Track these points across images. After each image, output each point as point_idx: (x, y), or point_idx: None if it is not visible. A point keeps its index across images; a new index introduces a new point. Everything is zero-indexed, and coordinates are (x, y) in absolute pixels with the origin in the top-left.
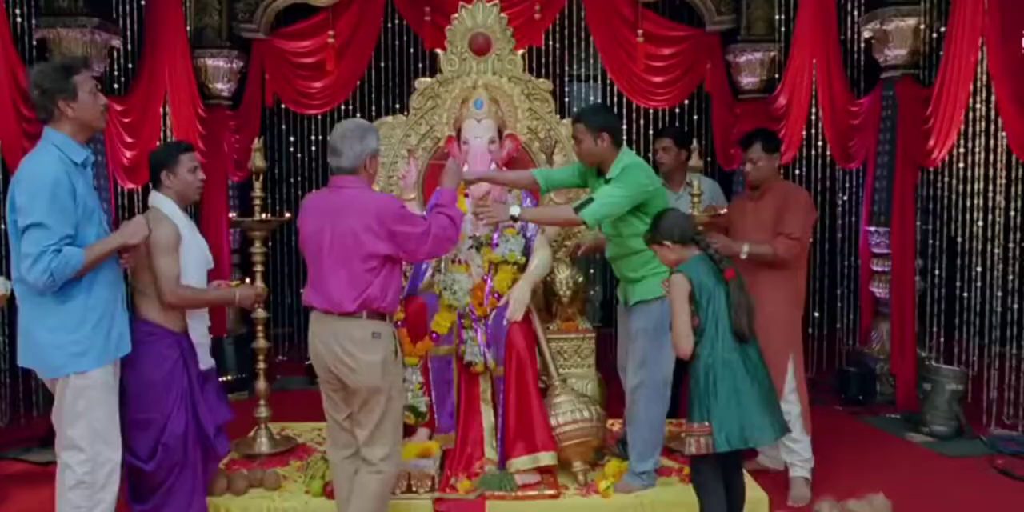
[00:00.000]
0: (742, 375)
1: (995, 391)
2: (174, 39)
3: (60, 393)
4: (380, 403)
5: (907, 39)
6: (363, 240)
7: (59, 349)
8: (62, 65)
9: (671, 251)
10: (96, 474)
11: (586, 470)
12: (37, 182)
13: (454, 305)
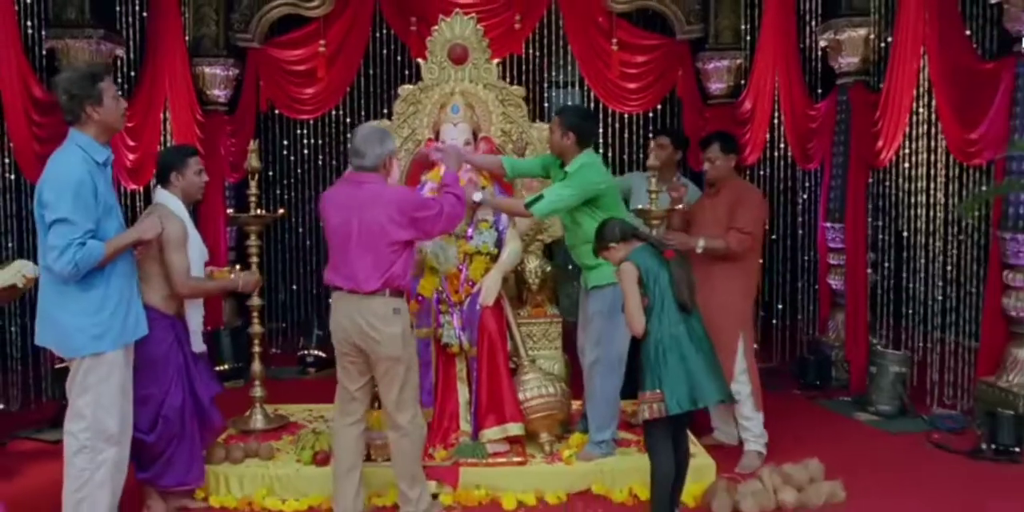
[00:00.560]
0: (688, 346)
1: (937, 374)
2: (174, 48)
3: (75, 369)
4: (400, 372)
5: (858, 48)
6: (388, 230)
7: (80, 332)
8: (89, 73)
9: (617, 250)
10: (96, 440)
11: (551, 441)
12: (63, 181)
13: (438, 269)
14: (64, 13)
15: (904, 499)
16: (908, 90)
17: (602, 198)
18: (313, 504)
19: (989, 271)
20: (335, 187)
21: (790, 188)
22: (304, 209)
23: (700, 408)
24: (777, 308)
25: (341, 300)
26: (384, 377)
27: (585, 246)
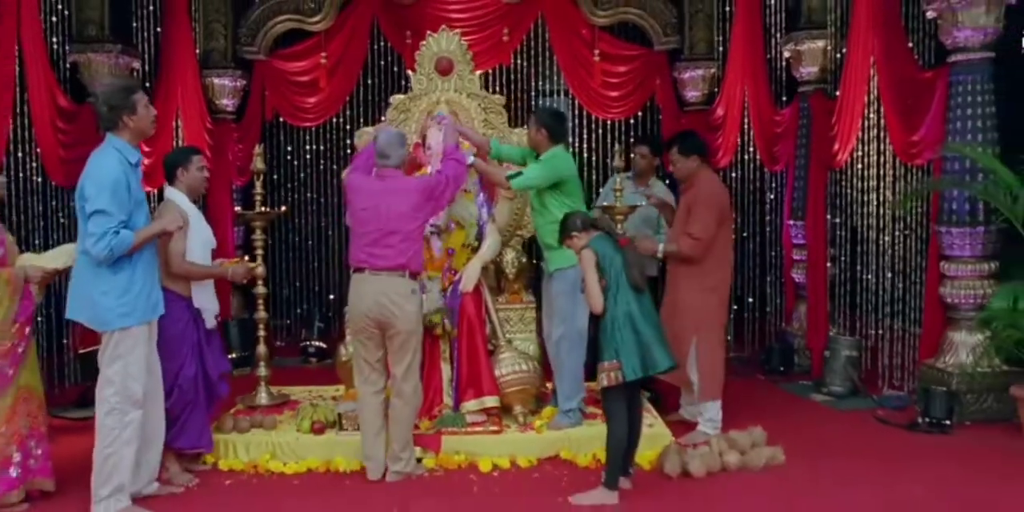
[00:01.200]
0: (640, 321)
1: (887, 359)
2: (185, 61)
3: (106, 341)
4: (412, 344)
5: (817, 58)
6: (414, 216)
7: (110, 310)
8: (124, 86)
9: (579, 239)
10: (124, 404)
11: (525, 413)
12: (102, 178)
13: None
14: (86, 29)
15: (839, 462)
16: (860, 97)
17: (567, 184)
18: (311, 467)
19: (929, 262)
20: (363, 179)
21: (759, 189)
22: (307, 210)
23: (651, 375)
24: (748, 302)
25: (364, 281)
26: (399, 350)
27: (549, 226)
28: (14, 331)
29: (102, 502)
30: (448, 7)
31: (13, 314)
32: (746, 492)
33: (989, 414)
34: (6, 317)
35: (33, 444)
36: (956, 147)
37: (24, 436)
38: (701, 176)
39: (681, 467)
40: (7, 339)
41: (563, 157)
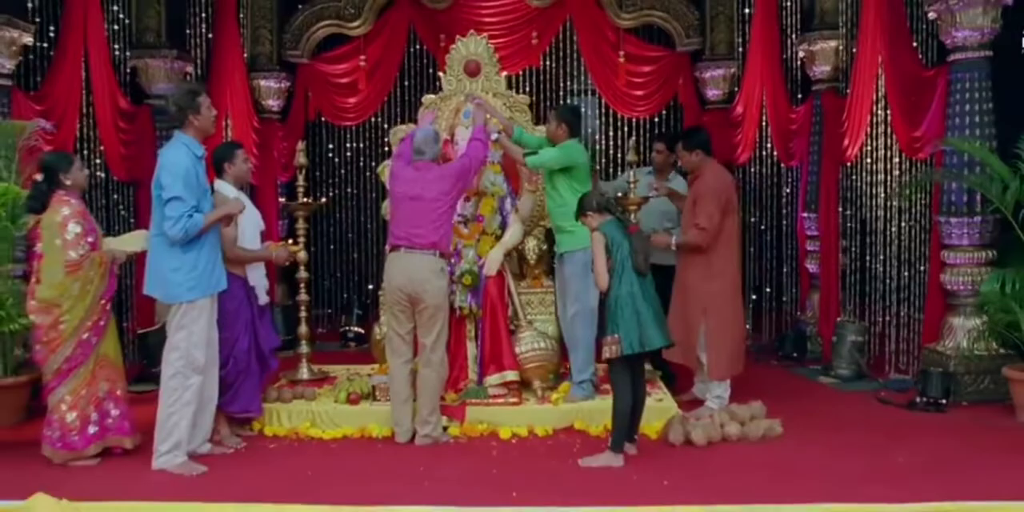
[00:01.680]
0: (640, 302)
1: (893, 344)
2: (234, 65)
3: (174, 312)
4: (439, 318)
5: (830, 58)
6: (444, 199)
7: (179, 285)
8: (190, 89)
9: (592, 219)
10: (187, 369)
11: (543, 388)
12: (176, 168)
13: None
14: (144, 37)
15: (832, 435)
16: (868, 95)
17: (577, 171)
18: (347, 433)
19: (931, 251)
20: (402, 168)
21: (776, 183)
22: (346, 205)
23: (647, 351)
24: (766, 291)
25: (400, 258)
26: (427, 322)
27: (560, 209)
28: (100, 307)
29: (163, 456)
30: (480, 12)
31: (101, 292)
32: (742, 459)
33: (986, 395)
34: (96, 295)
35: (111, 406)
36: (953, 141)
37: (101, 398)
38: (706, 169)
39: (684, 436)
40: (95, 314)
41: (577, 147)
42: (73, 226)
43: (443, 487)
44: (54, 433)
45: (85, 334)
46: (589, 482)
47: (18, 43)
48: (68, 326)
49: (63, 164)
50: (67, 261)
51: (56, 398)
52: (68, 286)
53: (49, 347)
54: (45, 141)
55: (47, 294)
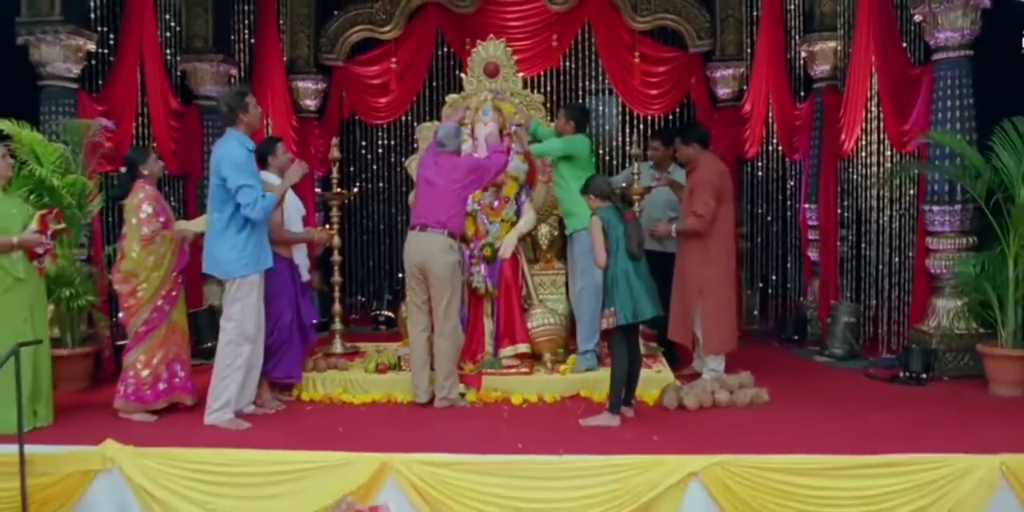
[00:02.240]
0: (633, 278)
1: (885, 326)
2: (274, 67)
3: (229, 287)
4: (447, 290)
5: (829, 58)
6: (463, 185)
7: (232, 262)
8: (239, 91)
9: (593, 201)
10: (239, 338)
11: (553, 360)
12: (237, 160)
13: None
14: (193, 43)
15: (815, 403)
16: (862, 92)
17: (580, 161)
18: (375, 399)
19: (918, 238)
20: (426, 158)
21: (781, 177)
22: (378, 199)
23: (640, 321)
24: (772, 279)
25: (415, 237)
26: (437, 293)
27: (566, 195)
28: (171, 279)
29: (214, 413)
30: (504, 16)
31: (172, 265)
32: (728, 420)
33: (965, 370)
34: (168, 268)
35: (178, 367)
36: (934, 135)
37: (171, 360)
38: (702, 161)
39: (677, 401)
40: (167, 284)
41: (580, 140)
42: (146, 207)
43: (457, 441)
44: (128, 388)
45: (159, 301)
46: (586, 437)
47: (83, 50)
48: (145, 294)
49: (141, 157)
50: (141, 236)
51: (132, 357)
52: (143, 259)
53: (129, 312)
54: (106, 138)
55: (127, 266)
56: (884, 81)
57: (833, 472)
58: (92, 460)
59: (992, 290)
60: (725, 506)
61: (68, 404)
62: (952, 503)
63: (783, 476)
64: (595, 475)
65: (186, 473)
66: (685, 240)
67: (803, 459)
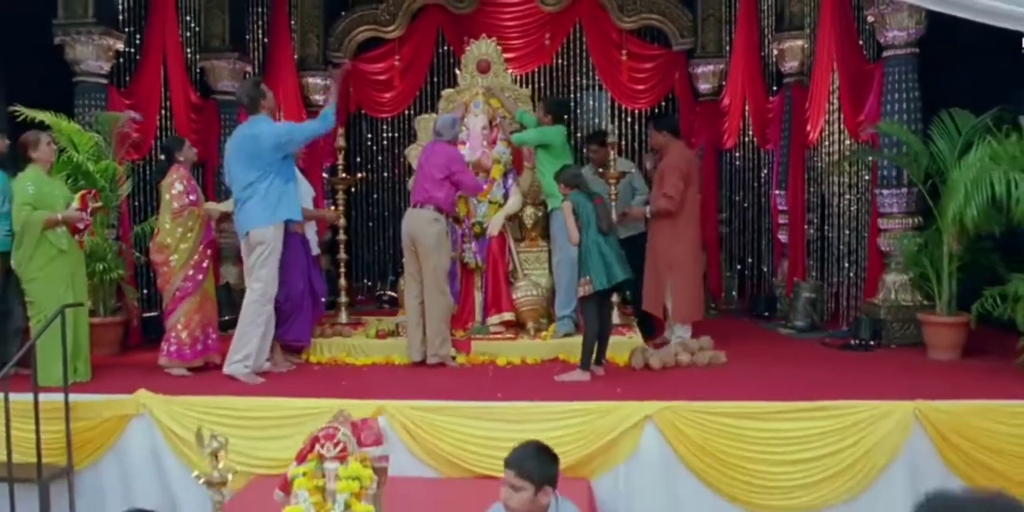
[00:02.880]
0: (605, 248)
1: (845, 300)
2: (286, 64)
3: (255, 255)
4: (433, 259)
5: (797, 55)
6: (441, 172)
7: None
8: (255, 82)
9: (563, 188)
10: (263, 298)
11: (536, 328)
12: (279, 130)
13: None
14: (211, 42)
15: (767, 364)
16: (825, 86)
17: (555, 149)
18: (375, 361)
19: (871, 219)
20: (427, 146)
21: (756, 166)
22: (382, 188)
23: (614, 285)
24: (748, 261)
25: (409, 213)
26: (425, 259)
27: (544, 178)
28: (200, 251)
29: (234, 364)
30: (500, 16)
31: (200, 238)
32: (686, 377)
33: (911, 338)
34: (196, 240)
35: (211, 330)
36: (882, 125)
37: (205, 324)
38: (672, 148)
39: (644, 362)
40: (196, 255)
41: (556, 130)
42: (178, 185)
43: (445, 391)
44: (171, 347)
45: (191, 271)
46: (559, 389)
47: (112, 49)
48: (177, 263)
49: (177, 145)
50: (172, 210)
51: (174, 320)
52: (173, 231)
53: (164, 279)
54: (134, 129)
55: (160, 238)
56: (843, 76)
57: (772, 415)
58: (127, 407)
59: (930, 265)
60: (677, 446)
61: (101, 365)
62: (874, 442)
63: (728, 419)
64: (563, 419)
65: (207, 417)
66: (656, 220)
67: (745, 404)
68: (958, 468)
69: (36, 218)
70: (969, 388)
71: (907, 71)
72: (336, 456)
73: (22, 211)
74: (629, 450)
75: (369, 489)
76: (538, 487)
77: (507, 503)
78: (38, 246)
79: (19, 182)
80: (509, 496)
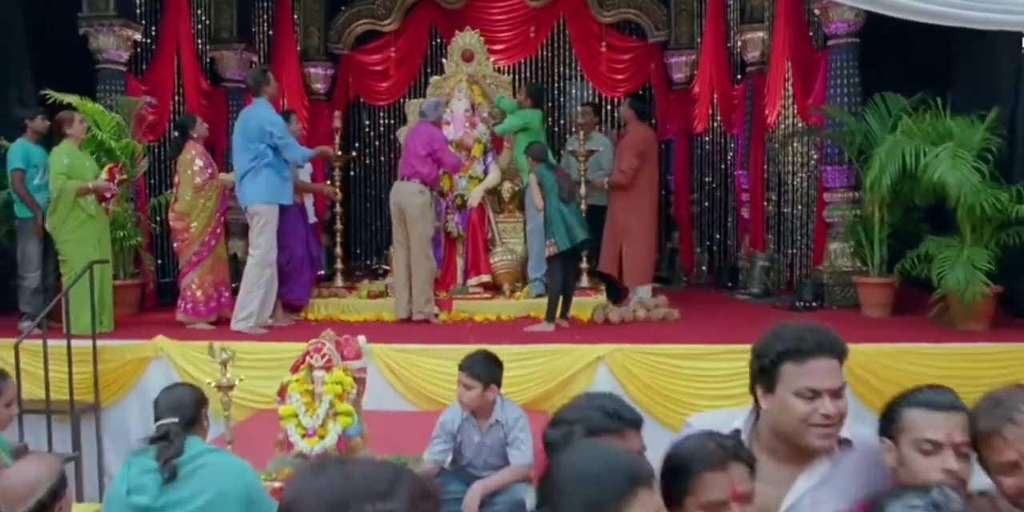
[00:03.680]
0: (567, 213)
1: (798, 269)
2: (289, 55)
3: (255, 222)
4: (419, 225)
5: (758, 45)
6: (424, 147)
7: (258, 194)
8: (262, 69)
9: (530, 162)
10: (263, 262)
11: (511, 289)
12: (279, 122)
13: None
14: (220, 34)
15: (716, 320)
16: (781, 74)
17: (532, 130)
18: (366, 318)
19: (818, 193)
20: (414, 126)
21: (724, 149)
22: (380, 170)
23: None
24: (716, 237)
25: (396, 185)
26: (412, 230)
27: (522, 157)
28: (216, 219)
29: (240, 321)
30: (488, 11)
31: (216, 207)
32: (640, 328)
33: (851, 301)
34: (213, 210)
35: (223, 289)
36: (825, 108)
37: (218, 284)
38: (632, 126)
39: (604, 317)
40: (213, 223)
41: (534, 114)
42: (198, 161)
43: (425, 339)
44: (187, 304)
45: (206, 237)
46: (525, 337)
47: (131, 39)
48: (196, 230)
49: (191, 122)
50: (194, 185)
51: (189, 280)
52: (195, 202)
53: (183, 244)
54: (150, 111)
55: (181, 208)
56: (795, 64)
57: (709, 356)
58: (147, 350)
59: (864, 233)
60: (627, 384)
61: (121, 322)
62: None
63: (671, 359)
64: (526, 359)
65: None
66: (615, 192)
67: (686, 346)
68: (867, 399)
69: (70, 186)
70: (883, 336)
71: (848, 59)
72: (323, 366)
73: (58, 180)
74: (584, 387)
75: (350, 394)
76: (485, 386)
77: (461, 399)
78: (71, 211)
79: (55, 155)
80: (462, 393)
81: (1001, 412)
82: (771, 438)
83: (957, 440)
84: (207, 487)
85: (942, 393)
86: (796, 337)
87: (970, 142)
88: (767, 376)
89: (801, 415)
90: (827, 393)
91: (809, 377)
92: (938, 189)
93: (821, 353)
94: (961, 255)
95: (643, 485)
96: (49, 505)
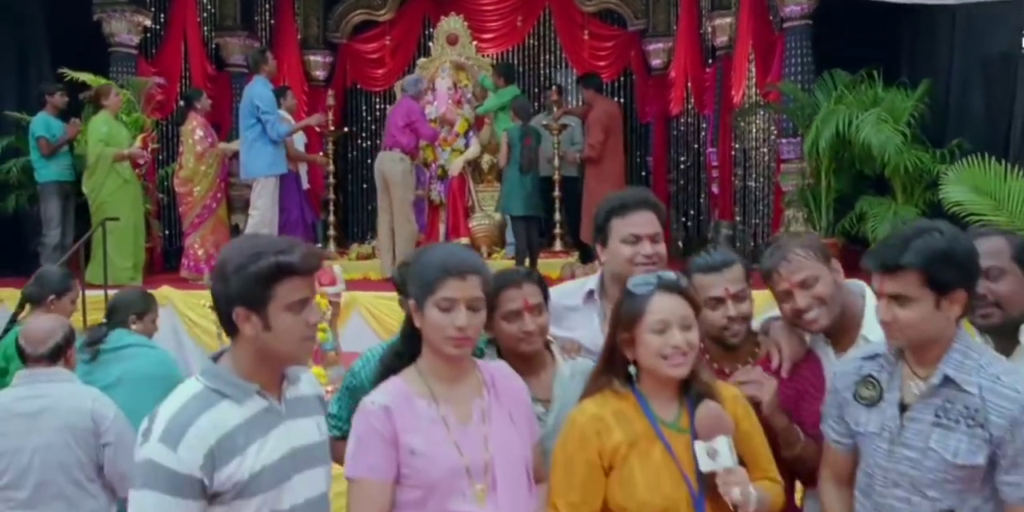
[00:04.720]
0: (527, 184)
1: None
2: (290, 43)
3: (255, 189)
4: (400, 191)
5: (727, 30)
6: (403, 119)
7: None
8: (260, 50)
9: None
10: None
11: (488, 252)
12: (267, 98)
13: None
14: (224, 21)
15: None
16: (745, 56)
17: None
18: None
19: (776, 165)
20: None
21: (697, 129)
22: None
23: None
24: (690, 213)
25: (379, 155)
26: (394, 195)
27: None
28: (216, 184)
29: None
30: (478, 2)
31: (217, 173)
32: None
33: None
34: (214, 176)
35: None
36: (780, 85)
37: (219, 243)
38: (596, 103)
39: (571, 273)
40: (214, 188)
41: (510, 91)
42: (199, 131)
43: None
44: (190, 262)
45: (208, 201)
46: None
47: (141, 25)
48: (198, 194)
49: (196, 95)
50: (196, 153)
51: (191, 240)
52: (197, 168)
53: (187, 207)
54: (159, 92)
55: (184, 174)
56: (756, 46)
57: None
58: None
59: (812, 199)
60: None
61: None
62: None
63: None
64: None
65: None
66: (587, 165)
67: None
68: None
69: (107, 153)
70: None
71: (802, 39)
72: None
73: (96, 147)
74: None
75: (325, 315)
76: None
77: None
78: (108, 175)
79: (93, 123)
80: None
81: (779, 253)
82: (612, 287)
83: (732, 291)
84: (122, 369)
85: (716, 254)
86: (619, 198)
87: (899, 109)
88: (601, 233)
89: (628, 256)
90: (646, 238)
91: (631, 226)
92: (864, 151)
93: (638, 207)
94: (889, 211)
95: (454, 275)
96: (64, 347)
